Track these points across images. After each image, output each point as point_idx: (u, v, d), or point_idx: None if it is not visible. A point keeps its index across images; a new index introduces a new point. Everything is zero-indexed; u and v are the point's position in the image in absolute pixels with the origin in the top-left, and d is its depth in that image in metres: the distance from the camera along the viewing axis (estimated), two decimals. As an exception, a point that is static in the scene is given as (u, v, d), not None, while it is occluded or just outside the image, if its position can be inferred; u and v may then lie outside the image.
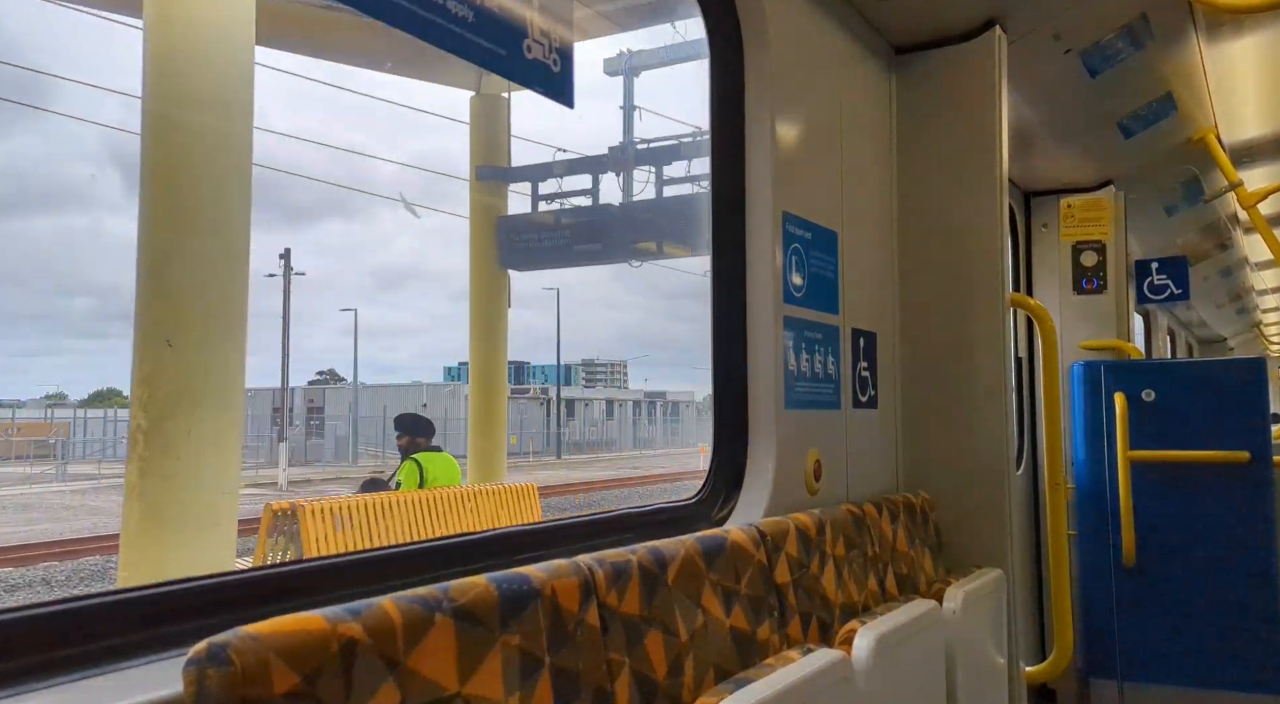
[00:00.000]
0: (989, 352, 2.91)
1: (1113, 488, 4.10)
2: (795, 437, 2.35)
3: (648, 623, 1.50)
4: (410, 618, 1.09)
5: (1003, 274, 2.93)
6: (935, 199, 2.98)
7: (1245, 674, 3.88)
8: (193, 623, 1.14)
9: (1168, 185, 4.94)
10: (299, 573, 1.37)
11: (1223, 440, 3.98)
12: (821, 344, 2.52)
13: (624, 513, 2.06)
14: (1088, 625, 4.13)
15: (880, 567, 2.39)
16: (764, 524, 1.97)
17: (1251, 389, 4.04)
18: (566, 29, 1.78)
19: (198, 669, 0.90)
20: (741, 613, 1.76)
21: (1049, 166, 4.46)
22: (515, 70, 1.67)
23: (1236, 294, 9.20)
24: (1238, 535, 3.94)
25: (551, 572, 1.35)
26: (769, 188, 2.30)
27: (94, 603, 1.12)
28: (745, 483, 2.27)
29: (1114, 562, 4.10)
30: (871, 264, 2.87)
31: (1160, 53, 3.36)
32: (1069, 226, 4.66)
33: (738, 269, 2.32)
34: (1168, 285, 5.87)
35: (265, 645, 0.93)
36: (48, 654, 1.04)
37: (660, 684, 1.49)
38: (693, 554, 1.67)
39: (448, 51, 1.51)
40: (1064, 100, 3.66)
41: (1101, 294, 4.64)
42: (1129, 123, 3.93)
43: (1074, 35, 3.13)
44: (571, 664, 1.32)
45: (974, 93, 2.95)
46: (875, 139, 2.94)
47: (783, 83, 2.36)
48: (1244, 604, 3.91)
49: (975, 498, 2.90)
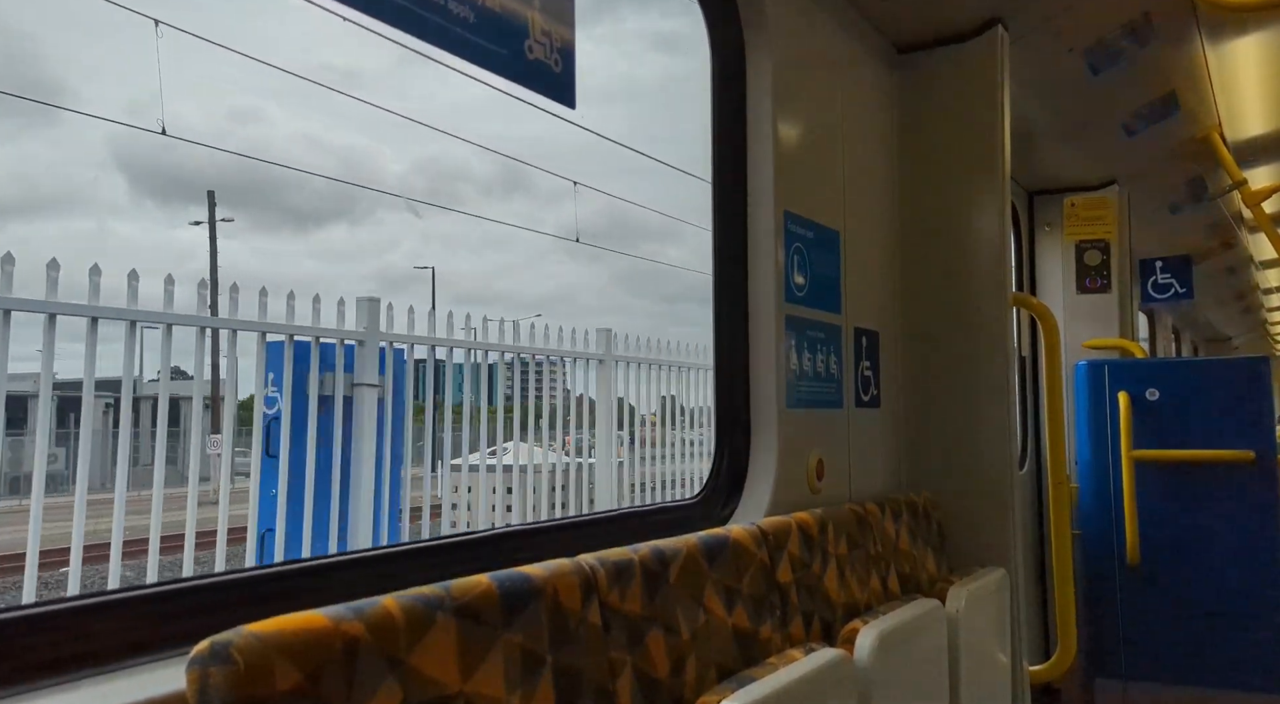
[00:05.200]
0: (992, 350, 2.91)
1: (1116, 487, 4.10)
2: (797, 436, 2.35)
3: (649, 622, 1.50)
4: (412, 616, 1.09)
5: (1006, 273, 2.93)
6: (938, 198, 2.98)
7: (1250, 673, 3.88)
8: (195, 622, 1.14)
9: (1172, 184, 4.93)
10: (300, 572, 1.37)
11: (1227, 440, 3.97)
12: (824, 343, 2.52)
13: (626, 512, 2.06)
14: (1092, 624, 4.12)
15: (883, 566, 2.39)
16: (766, 523, 1.97)
17: (1256, 388, 4.03)
18: (568, 29, 1.79)
19: (200, 668, 0.90)
20: (744, 612, 1.76)
21: (1052, 165, 4.46)
22: (516, 71, 1.67)
23: (1241, 293, 9.18)
24: (1242, 535, 3.93)
25: (553, 570, 1.35)
26: (770, 187, 2.30)
27: (96, 602, 1.12)
28: (747, 482, 2.27)
29: (1118, 561, 4.10)
30: (874, 263, 2.87)
31: (1163, 51, 3.36)
32: (1072, 225, 4.66)
33: (739, 269, 2.32)
34: (1172, 284, 5.87)
35: (268, 644, 0.93)
36: (50, 654, 1.04)
37: (662, 683, 1.49)
38: (695, 553, 1.67)
39: (448, 52, 1.51)
40: (1067, 99, 3.66)
41: (1105, 293, 4.63)
42: (1132, 121, 3.93)
43: (1076, 34, 3.12)
44: (573, 663, 1.32)
45: (976, 92, 2.94)
46: (877, 138, 2.94)
47: (784, 82, 2.36)
48: (1248, 603, 3.90)
49: (978, 497, 2.90)
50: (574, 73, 1.78)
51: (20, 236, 54.80)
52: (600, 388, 7.68)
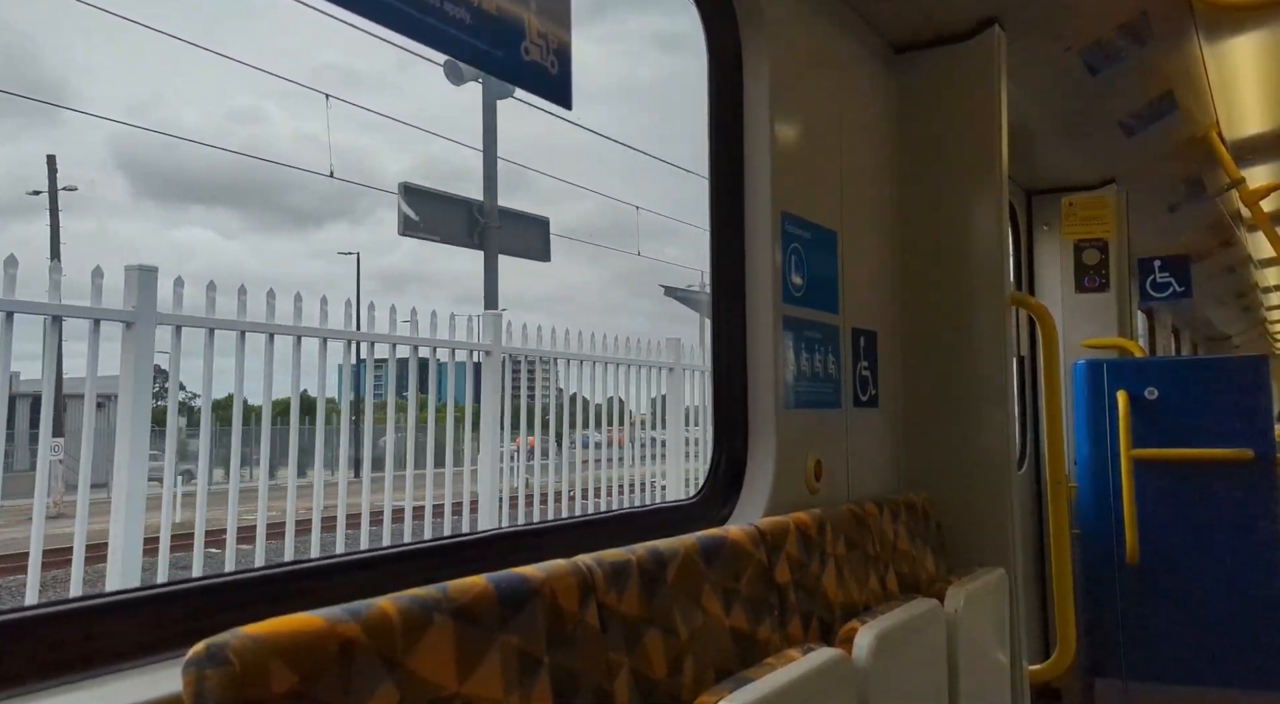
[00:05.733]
0: (990, 350, 2.91)
1: (1115, 487, 4.10)
2: (795, 436, 2.35)
3: (647, 623, 1.50)
4: (409, 618, 1.09)
5: (1004, 273, 2.93)
6: (936, 198, 2.98)
7: (1249, 672, 3.87)
8: (191, 624, 1.14)
9: (1170, 183, 4.93)
10: (297, 574, 1.37)
11: (1226, 438, 3.98)
12: (822, 343, 2.52)
13: (623, 513, 2.06)
14: (1091, 624, 4.12)
15: (881, 566, 2.39)
16: (764, 524, 1.97)
17: (1255, 387, 4.03)
18: (564, 31, 1.79)
19: (197, 670, 0.90)
20: (742, 612, 1.76)
21: (1050, 165, 4.46)
22: (513, 72, 1.67)
23: (1240, 292, 9.18)
24: (1241, 533, 3.93)
25: (550, 571, 1.35)
26: (768, 188, 2.30)
27: (93, 604, 1.12)
28: (745, 482, 2.27)
29: (1117, 560, 4.10)
30: (872, 263, 2.87)
31: (1161, 50, 3.36)
32: (1071, 225, 4.66)
33: (737, 269, 2.32)
34: (1170, 283, 5.87)
35: (264, 646, 0.93)
36: (46, 656, 1.04)
37: (660, 684, 1.49)
38: (692, 554, 1.67)
39: (445, 53, 1.51)
40: (1065, 99, 3.66)
41: (1104, 292, 4.63)
42: (1130, 121, 3.93)
43: (1074, 34, 3.12)
44: (571, 664, 1.32)
45: (974, 92, 2.94)
46: (875, 138, 2.94)
47: (781, 83, 2.36)
48: (1248, 602, 3.90)
49: (977, 497, 2.90)
50: (570, 74, 1.78)
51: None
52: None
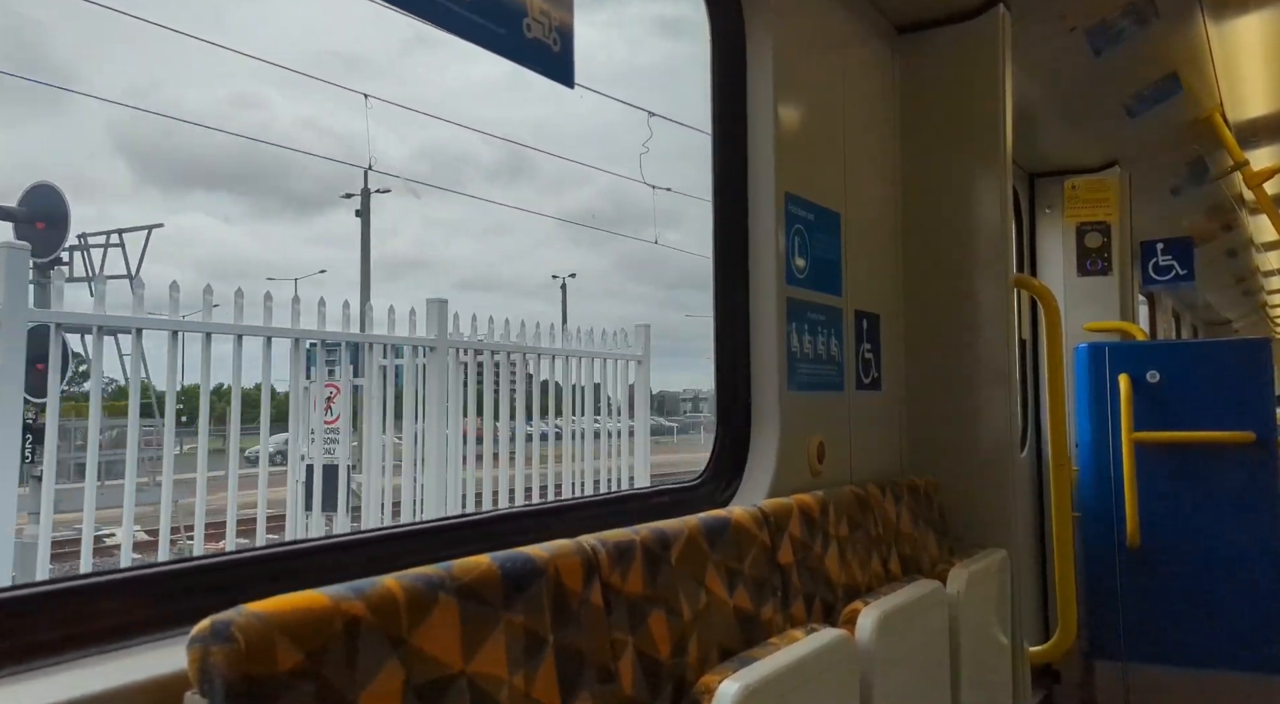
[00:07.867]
0: (993, 333, 2.90)
1: (1117, 469, 4.10)
2: (798, 419, 2.35)
3: (651, 602, 1.51)
4: (414, 596, 1.09)
5: (1006, 255, 2.92)
6: (939, 180, 2.97)
7: (1249, 655, 3.89)
8: (196, 601, 1.14)
9: (1173, 165, 4.91)
10: (301, 552, 1.37)
11: (1227, 421, 3.98)
12: (824, 326, 2.51)
13: (627, 494, 2.06)
14: (1092, 606, 4.14)
15: (884, 548, 2.39)
16: (767, 505, 1.98)
17: (1256, 370, 4.03)
18: (566, 9, 1.77)
19: (202, 647, 0.90)
20: (745, 593, 1.77)
21: (1053, 147, 4.44)
22: (515, 50, 1.66)
23: (1242, 276, 9.18)
24: (1242, 516, 3.94)
25: (555, 551, 1.35)
26: (771, 169, 2.29)
27: (98, 581, 1.12)
28: (748, 465, 2.27)
29: (1118, 543, 4.11)
30: (875, 245, 2.86)
31: (1165, 31, 3.34)
32: (1073, 208, 4.64)
33: (740, 251, 2.31)
34: (1173, 267, 5.85)
35: (269, 623, 0.93)
36: (51, 633, 1.04)
37: (664, 663, 1.50)
38: (696, 535, 1.67)
39: (446, 31, 1.50)
40: (1068, 80, 3.64)
41: (1106, 275, 4.62)
42: (1134, 102, 3.91)
43: (1078, 14, 3.10)
44: (575, 643, 1.32)
45: (977, 72, 2.93)
46: (878, 119, 2.92)
47: (784, 63, 2.34)
48: (1248, 585, 3.91)
49: (979, 479, 2.90)
50: (572, 52, 1.77)
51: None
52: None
